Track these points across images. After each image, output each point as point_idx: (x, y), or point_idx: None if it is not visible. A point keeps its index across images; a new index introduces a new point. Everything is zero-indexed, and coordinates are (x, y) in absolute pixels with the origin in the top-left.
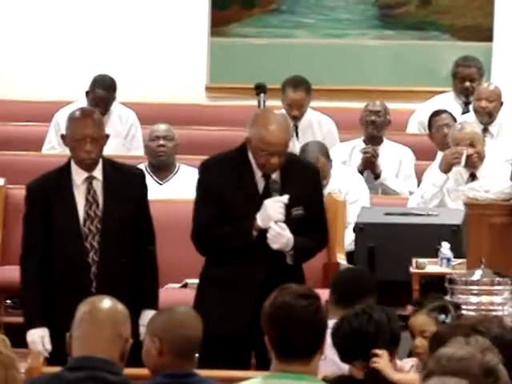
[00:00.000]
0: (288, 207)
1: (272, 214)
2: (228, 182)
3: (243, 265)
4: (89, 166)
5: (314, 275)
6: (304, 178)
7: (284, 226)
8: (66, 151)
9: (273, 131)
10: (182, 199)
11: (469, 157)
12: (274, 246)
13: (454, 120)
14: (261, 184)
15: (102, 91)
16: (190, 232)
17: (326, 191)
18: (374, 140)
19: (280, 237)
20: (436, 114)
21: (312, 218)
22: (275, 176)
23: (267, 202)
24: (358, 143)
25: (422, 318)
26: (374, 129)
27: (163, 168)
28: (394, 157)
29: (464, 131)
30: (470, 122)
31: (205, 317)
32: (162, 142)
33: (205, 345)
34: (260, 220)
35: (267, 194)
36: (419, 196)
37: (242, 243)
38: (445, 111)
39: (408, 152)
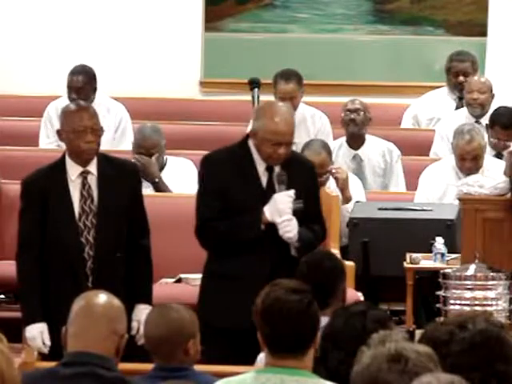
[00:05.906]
0: None
1: (282, 207)
2: (231, 177)
3: (248, 258)
4: (88, 159)
5: None
6: (301, 173)
7: (291, 217)
8: (61, 145)
9: (280, 121)
10: (177, 194)
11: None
12: (289, 234)
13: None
14: (264, 178)
15: (78, 78)
16: (185, 227)
17: (326, 186)
18: (356, 138)
19: (292, 226)
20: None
21: (310, 211)
22: (277, 170)
23: (277, 196)
24: (342, 142)
25: None
26: (355, 126)
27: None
28: (378, 152)
29: (471, 145)
30: (477, 131)
31: (210, 311)
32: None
33: (211, 339)
34: (269, 213)
35: (271, 187)
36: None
37: (250, 236)
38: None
39: (393, 148)
